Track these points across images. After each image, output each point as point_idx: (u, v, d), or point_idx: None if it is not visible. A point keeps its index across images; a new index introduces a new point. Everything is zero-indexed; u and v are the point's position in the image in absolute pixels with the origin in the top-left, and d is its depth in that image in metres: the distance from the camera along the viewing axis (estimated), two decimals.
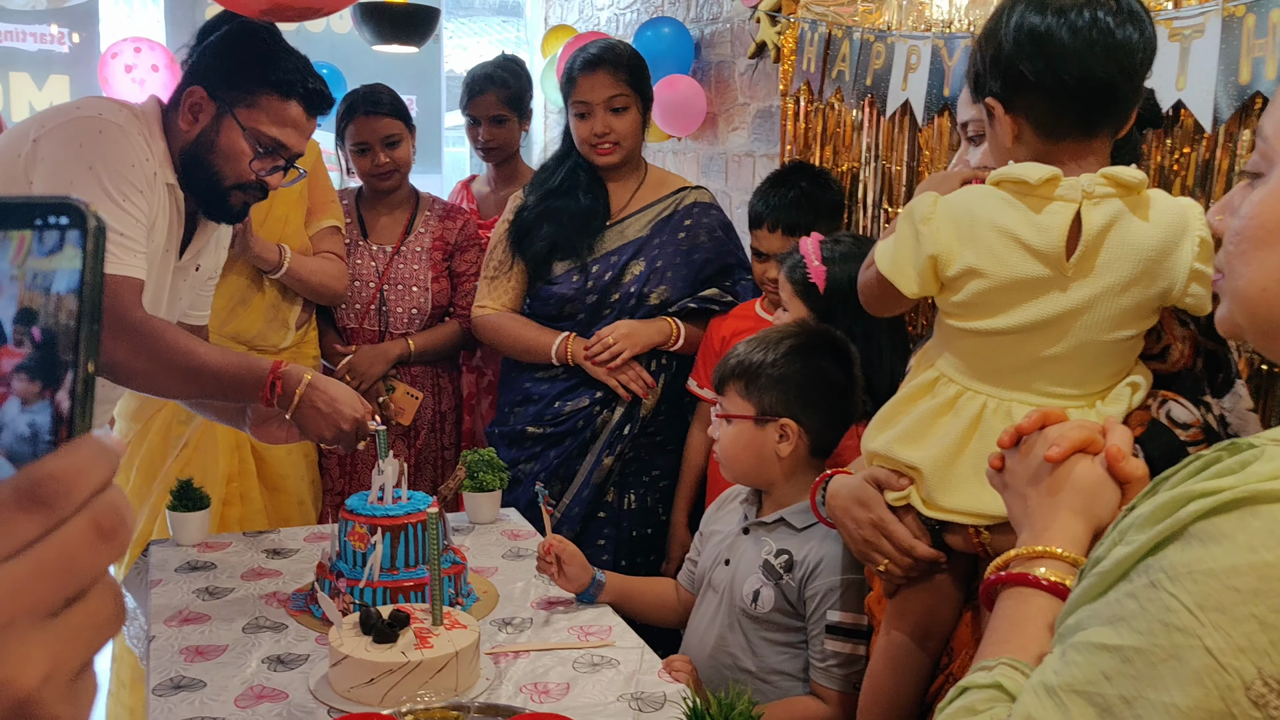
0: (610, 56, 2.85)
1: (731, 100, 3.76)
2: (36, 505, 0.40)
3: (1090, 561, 0.88)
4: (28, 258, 0.43)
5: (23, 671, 0.39)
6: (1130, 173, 1.42)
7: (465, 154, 6.63)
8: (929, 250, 1.47)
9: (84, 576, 0.41)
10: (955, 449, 1.48)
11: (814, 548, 1.95)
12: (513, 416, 2.98)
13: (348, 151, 3.20)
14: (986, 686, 0.93)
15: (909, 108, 2.72)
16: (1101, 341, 1.44)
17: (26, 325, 0.43)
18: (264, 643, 1.93)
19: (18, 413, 0.43)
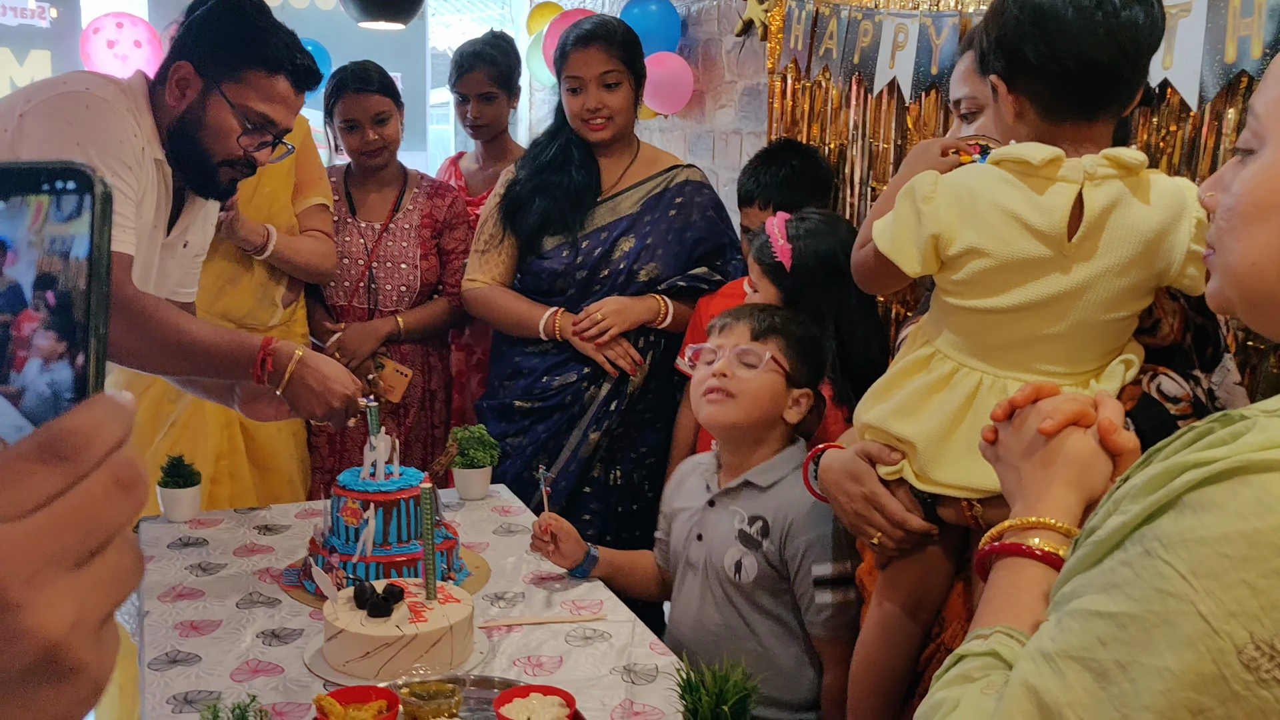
0: (603, 32, 2.85)
1: (718, 78, 3.76)
2: (58, 459, 0.42)
3: (1085, 531, 0.90)
4: (45, 223, 0.44)
5: (50, 618, 0.41)
6: (1131, 154, 1.43)
7: (450, 131, 6.61)
8: (931, 229, 1.49)
9: (106, 528, 0.43)
10: (950, 424, 1.50)
11: (786, 508, 1.99)
12: (502, 390, 2.99)
13: (336, 129, 3.19)
14: (982, 654, 0.95)
15: (896, 86, 2.73)
16: (1099, 321, 1.46)
17: (44, 290, 0.44)
18: (258, 618, 1.94)
19: (37, 375, 0.44)
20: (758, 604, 2.01)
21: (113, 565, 0.43)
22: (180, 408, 2.80)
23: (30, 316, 0.44)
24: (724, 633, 2.04)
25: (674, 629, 2.13)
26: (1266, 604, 0.74)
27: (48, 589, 0.41)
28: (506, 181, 3.00)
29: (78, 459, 0.42)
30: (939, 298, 1.56)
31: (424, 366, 3.24)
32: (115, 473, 0.43)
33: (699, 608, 2.07)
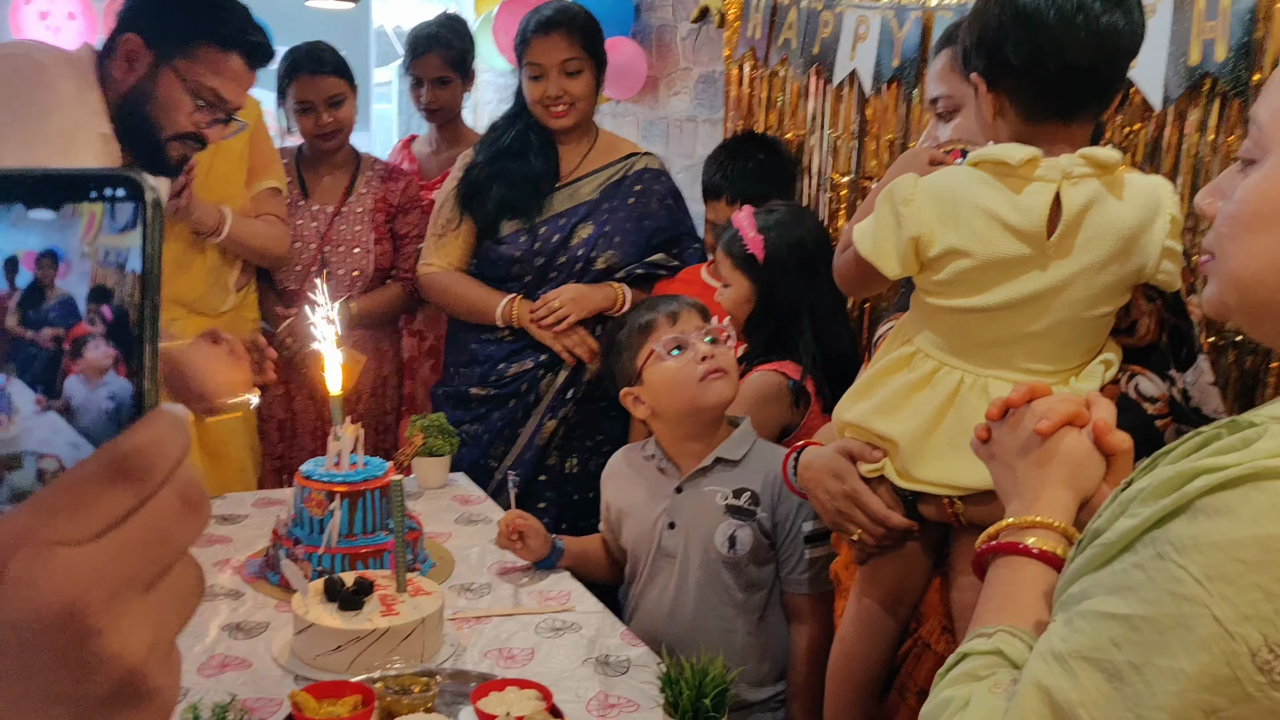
0: (564, 19, 2.83)
1: (673, 64, 3.76)
2: (126, 479, 0.40)
3: (1090, 533, 0.91)
4: (99, 234, 0.43)
5: (130, 643, 0.40)
6: (1107, 153, 1.46)
7: (393, 111, 6.52)
8: (911, 231, 1.50)
9: (175, 548, 0.42)
10: (931, 422, 1.51)
11: (769, 474, 2.01)
12: (458, 377, 2.97)
13: (290, 110, 3.13)
14: (987, 653, 0.96)
15: (856, 78, 2.74)
16: (1078, 319, 1.48)
17: (98, 302, 0.43)
18: (221, 611, 1.91)
19: (93, 391, 0.43)
20: (748, 579, 2.03)
21: (180, 585, 0.43)
22: None
23: (84, 329, 0.43)
24: (706, 617, 2.03)
25: (644, 621, 2.11)
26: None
27: (125, 613, 0.40)
28: (464, 165, 2.98)
29: (145, 478, 0.41)
30: (919, 298, 1.57)
31: (375, 352, 3.20)
32: (181, 491, 0.42)
33: (676, 596, 2.06)
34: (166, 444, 0.41)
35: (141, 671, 0.40)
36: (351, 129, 3.21)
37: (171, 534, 0.42)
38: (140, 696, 0.41)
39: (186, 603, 0.43)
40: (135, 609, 0.40)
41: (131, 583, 0.40)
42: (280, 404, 3.13)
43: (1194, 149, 1.93)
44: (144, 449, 0.41)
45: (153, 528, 0.41)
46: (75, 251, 0.43)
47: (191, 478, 0.43)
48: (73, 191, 0.43)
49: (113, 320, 0.43)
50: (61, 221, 0.43)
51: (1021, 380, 1.49)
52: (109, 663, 0.40)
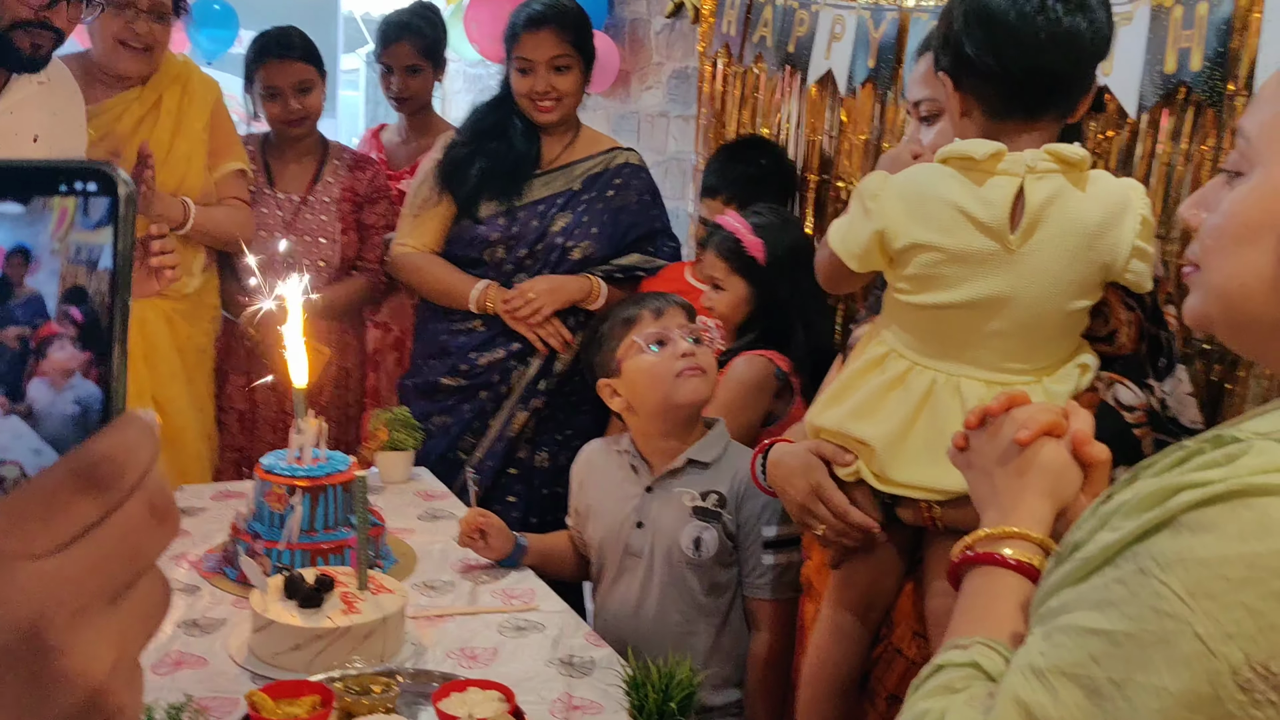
0: (555, 15, 2.82)
1: (646, 59, 3.73)
2: (94, 488, 0.38)
3: (1068, 545, 0.90)
4: (71, 230, 0.41)
5: (95, 661, 0.38)
6: (1073, 150, 1.46)
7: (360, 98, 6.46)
8: (876, 225, 1.50)
9: (143, 560, 0.40)
10: (906, 424, 1.51)
11: (737, 477, 2.01)
12: (427, 368, 2.94)
13: (256, 96, 3.08)
14: (963, 665, 0.95)
15: (831, 77, 2.73)
16: (1047, 316, 1.48)
17: (68, 302, 0.41)
18: (177, 606, 1.87)
19: (59, 394, 0.41)
20: (713, 580, 2.02)
21: (146, 599, 0.41)
22: None
23: (51, 329, 0.41)
24: (670, 618, 2.02)
25: (610, 620, 2.10)
26: (1264, 626, 0.75)
27: (89, 629, 0.38)
28: (445, 144, 2.95)
29: (113, 487, 0.39)
30: (890, 297, 1.57)
31: (339, 344, 3.15)
32: (150, 500, 0.40)
33: (641, 595, 2.05)
34: (135, 451, 0.39)
35: (105, 690, 0.39)
36: (319, 116, 3.16)
37: (139, 546, 0.40)
38: (105, 714, 0.39)
39: (152, 617, 0.41)
40: (100, 625, 0.39)
41: (96, 597, 0.39)
42: (241, 395, 3.08)
43: (1167, 157, 1.93)
44: (112, 456, 0.39)
45: (120, 539, 0.39)
46: (45, 248, 0.41)
47: (161, 487, 0.41)
48: (42, 185, 0.41)
49: (82, 321, 0.41)
50: (31, 216, 0.41)
51: (994, 380, 1.48)
52: (72, 682, 0.38)
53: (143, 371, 2.73)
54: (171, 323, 2.81)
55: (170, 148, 2.76)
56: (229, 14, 4.81)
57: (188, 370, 2.85)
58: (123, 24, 2.69)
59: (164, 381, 2.78)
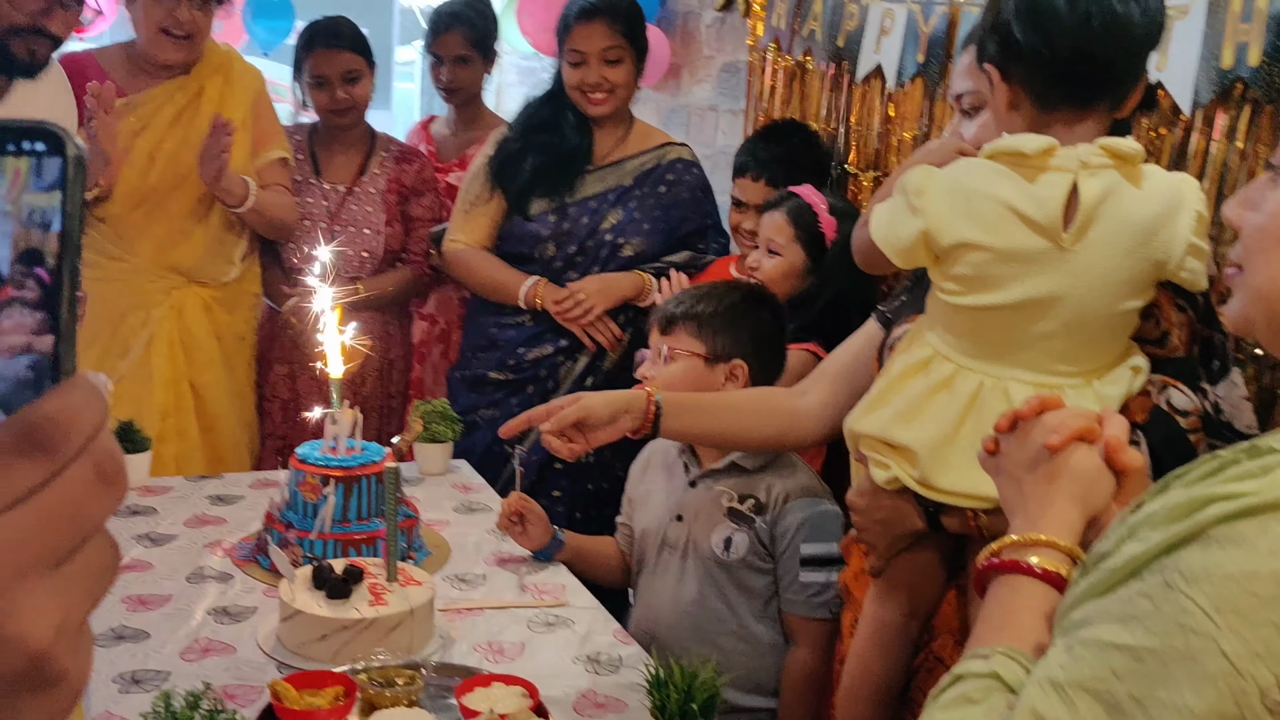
0: (607, 7, 2.80)
1: (696, 52, 3.70)
2: (37, 450, 0.38)
3: (1095, 555, 0.87)
4: (24, 192, 0.40)
5: (37, 624, 0.38)
6: (1128, 144, 1.42)
7: (415, 90, 6.49)
8: (921, 224, 1.46)
9: (88, 524, 0.39)
10: (952, 429, 1.47)
11: (778, 486, 1.99)
12: (475, 361, 2.95)
13: (305, 85, 3.09)
14: (983, 675, 0.92)
15: (881, 71, 2.69)
16: (1099, 316, 1.44)
17: (22, 264, 0.40)
18: (209, 593, 1.88)
19: (10, 359, 0.40)
20: (741, 583, 2.00)
21: (92, 563, 0.40)
22: (126, 363, 2.71)
23: (5, 293, 0.40)
24: (702, 612, 2.01)
25: (645, 611, 2.10)
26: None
27: (31, 593, 0.38)
28: (497, 140, 2.95)
29: (58, 449, 0.38)
30: (935, 297, 1.53)
31: (382, 336, 3.16)
32: (97, 463, 0.39)
33: (676, 588, 2.05)
34: (81, 413, 0.39)
35: (47, 654, 0.38)
36: (366, 107, 3.16)
37: (84, 509, 0.39)
38: (46, 680, 0.38)
39: (99, 581, 0.40)
40: (42, 589, 0.38)
41: (39, 561, 0.38)
42: (284, 384, 3.10)
43: (1221, 156, 1.87)
44: (56, 418, 0.38)
45: (64, 502, 0.38)
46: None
47: (108, 449, 0.40)
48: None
49: (35, 284, 0.40)
50: None
51: (1043, 382, 1.44)
52: (12, 645, 0.37)
53: (180, 357, 2.76)
54: (210, 310, 2.84)
55: None
56: (285, 5, 4.84)
57: (227, 357, 2.88)
58: (165, 12, 2.71)
59: (201, 368, 2.80)
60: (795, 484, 1.99)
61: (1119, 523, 0.87)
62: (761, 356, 2.11)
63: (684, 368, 2.06)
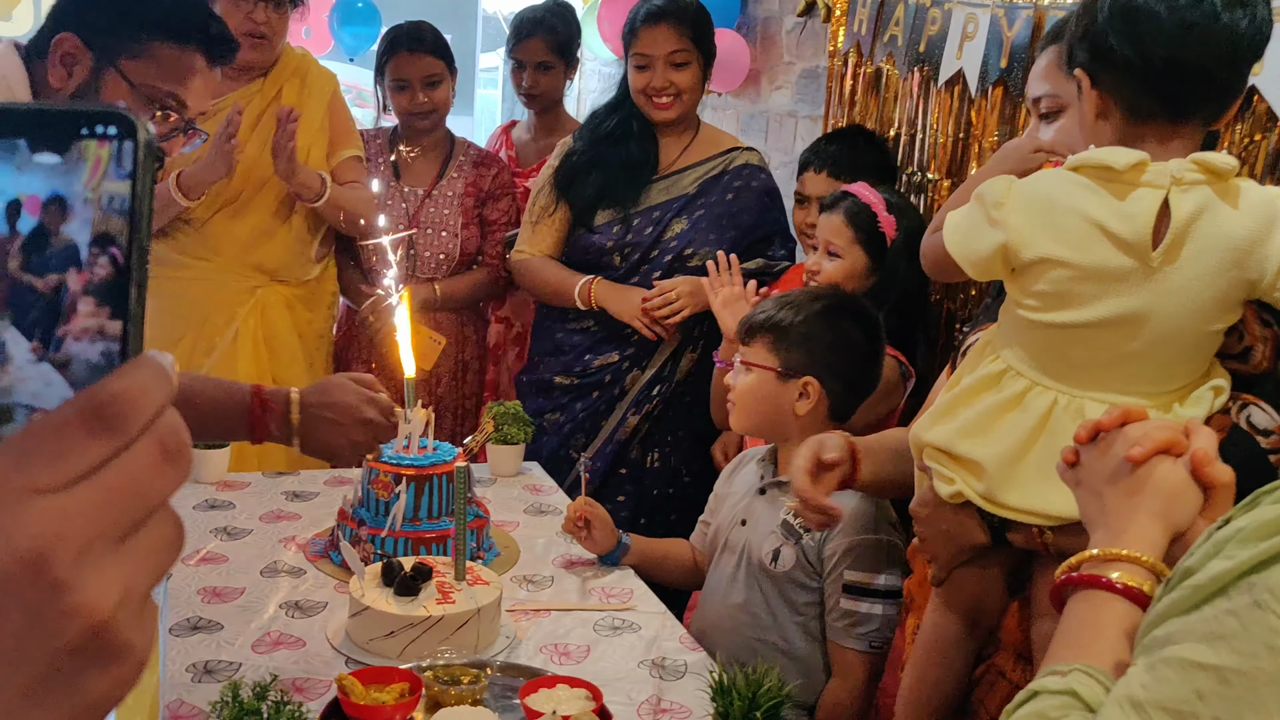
0: (675, 9, 2.79)
1: (776, 58, 3.68)
2: (103, 428, 0.39)
3: (1180, 571, 0.84)
4: (103, 179, 0.42)
5: (100, 597, 0.39)
6: (1222, 159, 1.35)
7: (498, 97, 6.55)
8: (1000, 237, 1.42)
9: (152, 500, 0.41)
10: (1022, 446, 1.42)
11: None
12: (542, 366, 2.96)
13: (386, 88, 3.14)
14: (1060, 692, 0.89)
15: (962, 77, 2.64)
16: (1184, 337, 1.38)
17: (99, 250, 0.42)
18: (282, 587, 1.90)
19: (87, 342, 0.42)
20: (786, 596, 1.97)
21: (156, 538, 0.41)
22: (212, 360, 2.77)
23: (83, 278, 0.42)
24: (746, 617, 1.99)
25: (702, 609, 2.10)
26: None
27: (95, 566, 0.39)
28: (563, 152, 2.95)
29: (123, 427, 0.39)
30: (1011, 310, 1.48)
31: (458, 337, 3.19)
32: (161, 441, 0.41)
33: (727, 590, 2.04)
34: (147, 392, 0.40)
35: (110, 627, 0.39)
36: (447, 111, 3.20)
37: (148, 485, 0.40)
38: (110, 653, 0.40)
39: (162, 557, 0.42)
40: (105, 562, 0.39)
41: (103, 535, 0.39)
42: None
43: None
44: (122, 396, 0.39)
45: (128, 478, 0.40)
46: (79, 197, 0.42)
47: (173, 427, 0.41)
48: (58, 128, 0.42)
49: (110, 269, 0.42)
50: (67, 165, 0.42)
51: (1120, 403, 1.39)
52: (76, 617, 0.39)
53: (264, 354, 2.82)
54: (292, 308, 2.90)
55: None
56: (372, 11, 4.92)
57: (307, 354, 2.93)
58: (243, 15, 2.76)
59: (284, 364, 2.86)
60: (851, 508, 1.90)
61: (1205, 538, 0.84)
62: (841, 373, 2.02)
63: (757, 381, 2.02)
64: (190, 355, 2.78)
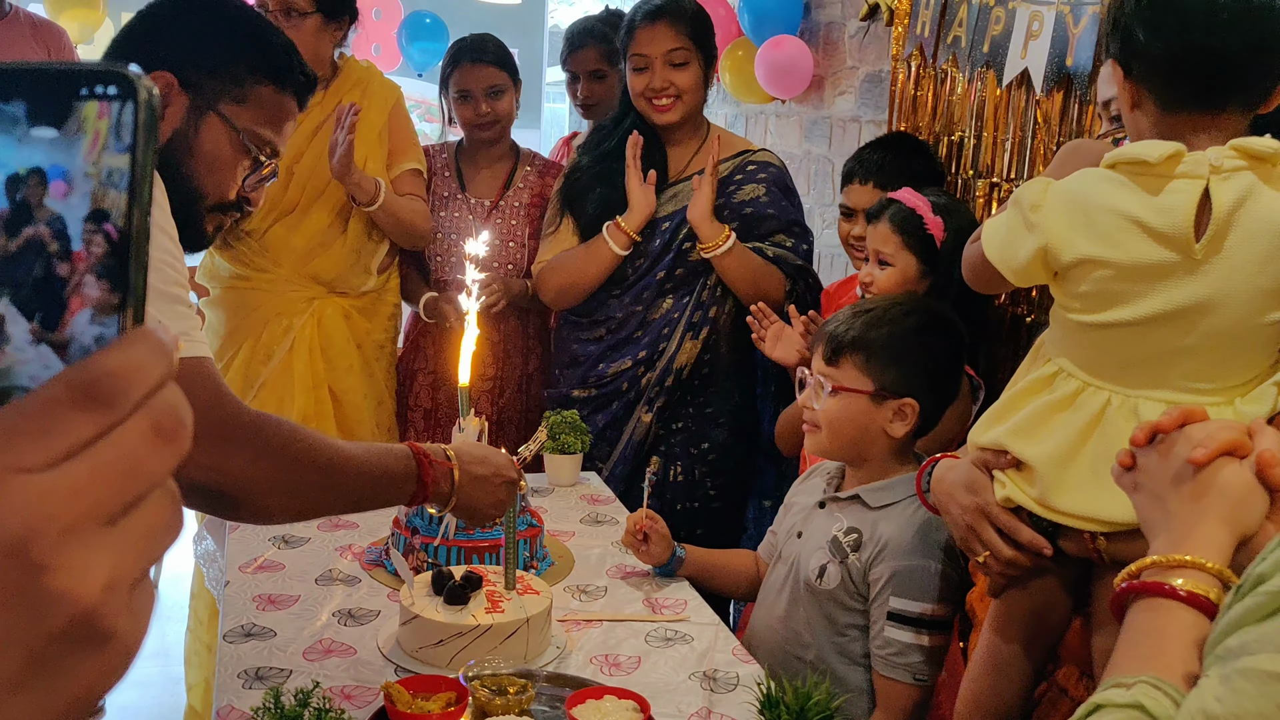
0: (672, 8, 2.72)
1: (840, 63, 3.64)
2: (93, 403, 0.38)
3: (1251, 578, 0.80)
4: (103, 153, 0.40)
5: (84, 580, 0.37)
6: (1264, 143, 1.30)
7: (565, 110, 6.59)
8: (1040, 240, 1.38)
9: (144, 480, 0.39)
10: (1073, 447, 1.38)
11: (885, 530, 1.86)
12: (561, 380, 2.94)
13: (450, 99, 3.16)
14: (1125, 706, 0.85)
15: (1027, 77, 2.59)
16: (1239, 330, 1.33)
17: (98, 225, 0.40)
18: (336, 595, 1.92)
19: (87, 322, 0.40)
20: (828, 615, 1.90)
21: (149, 520, 0.39)
22: (270, 368, 2.81)
23: (82, 255, 0.40)
24: (786, 630, 1.94)
25: (751, 618, 2.07)
26: None
27: (81, 548, 0.37)
28: (569, 167, 2.93)
29: (114, 403, 0.38)
30: (1058, 313, 1.44)
31: (523, 349, 3.20)
32: (156, 419, 0.39)
33: (774, 601, 2.00)
34: (141, 368, 0.38)
35: (96, 611, 0.38)
36: (510, 122, 3.21)
37: (140, 464, 0.39)
38: (96, 637, 0.38)
39: (157, 539, 0.40)
40: (93, 544, 0.38)
41: (91, 515, 0.38)
42: (426, 393, 3.16)
43: None
44: (115, 372, 0.38)
45: (118, 457, 0.38)
46: (79, 171, 0.40)
47: (169, 404, 0.39)
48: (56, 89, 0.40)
49: (109, 245, 0.40)
50: (66, 140, 0.40)
51: (1177, 401, 1.34)
52: (59, 600, 0.37)
53: (320, 364, 2.85)
54: (350, 318, 2.92)
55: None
56: (440, 27, 4.99)
57: (366, 365, 2.95)
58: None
59: (340, 374, 2.89)
60: (902, 533, 1.83)
61: (1276, 544, 0.80)
62: (936, 391, 1.93)
63: (847, 404, 1.90)
64: (249, 363, 2.82)
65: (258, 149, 1.58)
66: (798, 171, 3.83)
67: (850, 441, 1.93)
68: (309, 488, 1.49)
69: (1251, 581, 0.80)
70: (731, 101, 4.26)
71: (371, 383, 2.96)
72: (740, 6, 3.81)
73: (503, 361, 3.15)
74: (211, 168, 1.55)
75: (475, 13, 4.91)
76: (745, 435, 2.90)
